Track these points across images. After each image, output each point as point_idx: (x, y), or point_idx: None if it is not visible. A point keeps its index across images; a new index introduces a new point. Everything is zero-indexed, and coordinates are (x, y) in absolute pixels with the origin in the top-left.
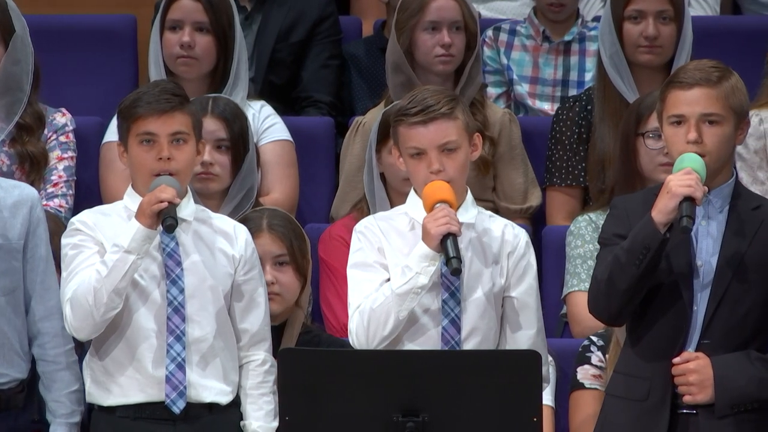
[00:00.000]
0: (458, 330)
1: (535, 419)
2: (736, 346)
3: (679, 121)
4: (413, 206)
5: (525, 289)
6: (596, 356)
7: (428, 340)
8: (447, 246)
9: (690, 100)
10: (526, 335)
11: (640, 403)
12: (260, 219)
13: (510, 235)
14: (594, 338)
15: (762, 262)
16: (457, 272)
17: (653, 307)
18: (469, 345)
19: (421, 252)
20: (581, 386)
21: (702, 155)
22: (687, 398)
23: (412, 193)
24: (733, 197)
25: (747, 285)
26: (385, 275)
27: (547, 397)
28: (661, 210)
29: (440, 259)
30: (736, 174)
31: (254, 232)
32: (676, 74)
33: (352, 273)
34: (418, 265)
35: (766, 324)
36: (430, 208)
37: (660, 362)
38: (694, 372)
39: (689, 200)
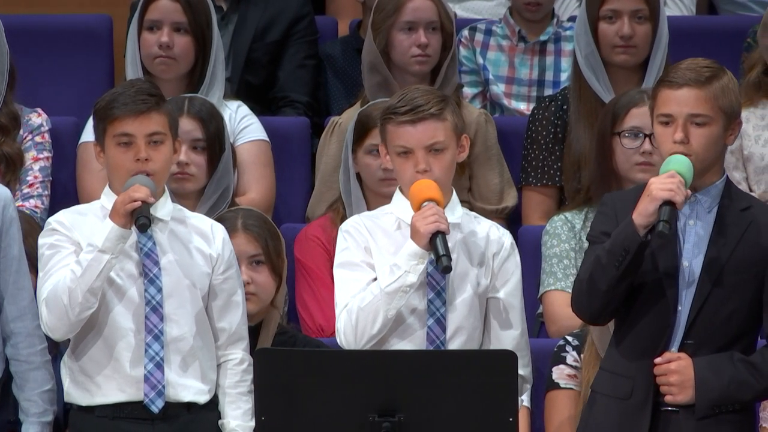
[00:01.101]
0: (444, 330)
1: (511, 419)
2: (719, 347)
3: (668, 120)
4: (399, 206)
5: (510, 290)
6: (571, 356)
7: (414, 339)
8: (436, 244)
9: (678, 100)
10: (510, 336)
11: (623, 401)
12: (235, 219)
13: (495, 236)
14: (569, 338)
15: (748, 263)
16: (447, 270)
17: (638, 305)
18: (454, 345)
19: (409, 250)
20: (556, 386)
21: (688, 155)
22: (668, 398)
23: (397, 192)
24: (722, 197)
25: (732, 286)
26: (371, 275)
27: (524, 398)
28: (641, 213)
29: (428, 257)
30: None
31: (229, 232)
32: (668, 72)
33: (338, 272)
34: (407, 263)
35: (750, 326)
36: (417, 207)
37: (643, 361)
38: (675, 372)
39: (669, 204)
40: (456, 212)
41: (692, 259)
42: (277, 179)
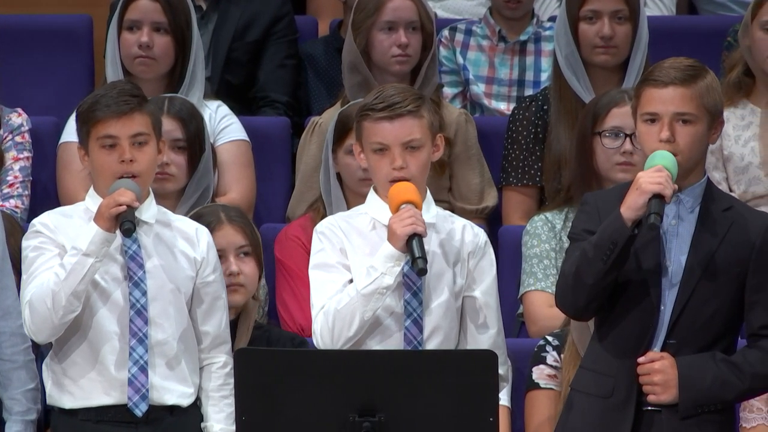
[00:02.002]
0: (421, 330)
1: (491, 419)
2: (702, 346)
3: (653, 119)
4: (374, 206)
5: (486, 289)
6: (551, 356)
7: (391, 340)
8: (413, 246)
9: (664, 99)
10: (487, 335)
11: (604, 399)
12: (217, 212)
13: (470, 235)
14: (549, 338)
15: (730, 263)
16: (423, 272)
17: (621, 304)
18: (431, 345)
19: (386, 252)
20: (536, 386)
21: (674, 154)
22: (651, 398)
23: (372, 192)
24: (704, 197)
25: (715, 286)
26: (347, 276)
27: (504, 398)
28: (630, 206)
29: (405, 259)
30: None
31: (215, 225)
32: (651, 71)
33: (314, 274)
34: (384, 265)
35: (731, 325)
36: (395, 209)
37: (626, 360)
38: (659, 372)
39: (659, 197)
40: (431, 211)
41: (675, 258)
42: (257, 179)
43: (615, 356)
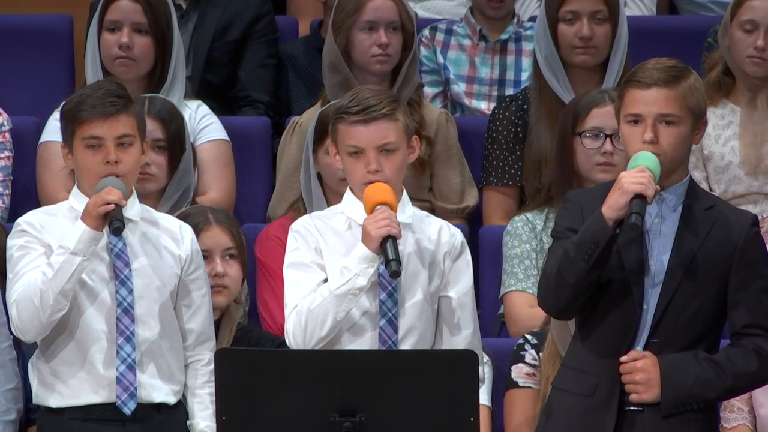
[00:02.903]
0: (395, 330)
1: (472, 419)
2: (684, 345)
3: (636, 120)
4: (350, 205)
5: (462, 289)
6: (530, 354)
7: (366, 340)
8: (387, 248)
9: (647, 100)
10: (462, 335)
11: (586, 398)
12: (205, 213)
13: (446, 235)
14: (528, 336)
15: (713, 262)
16: (396, 275)
17: (603, 303)
18: (406, 345)
19: (360, 253)
20: (515, 385)
21: (657, 155)
22: (633, 397)
23: (348, 192)
24: (687, 197)
25: (697, 285)
26: (321, 275)
27: (484, 397)
28: (612, 206)
29: (379, 260)
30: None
31: (203, 226)
32: (634, 72)
33: (288, 273)
34: (357, 266)
35: (714, 324)
36: (370, 210)
37: (608, 359)
38: (641, 371)
39: (640, 198)
40: (407, 212)
41: (658, 257)
42: (237, 179)
43: (597, 355)
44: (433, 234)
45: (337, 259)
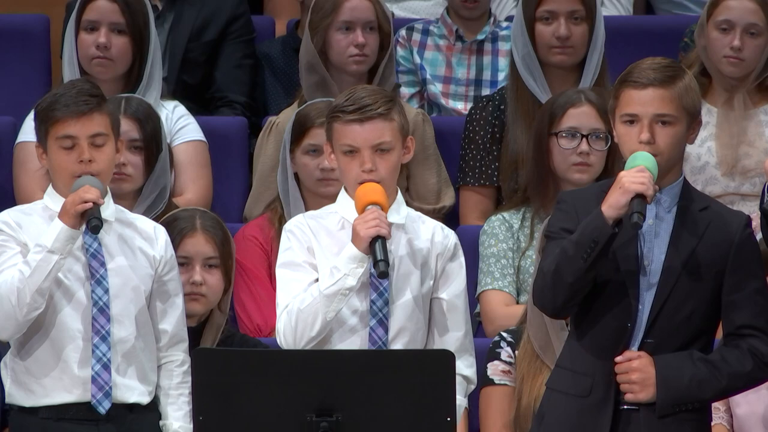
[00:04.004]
0: (386, 330)
1: (449, 419)
2: (679, 345)
3: (632, 120)
4: (344, 205)
5: (454, 291)
6: (506, 352)
7: (356, 340)
8: (375, 249)
9: (644, 100)
10: (454, 337)
11: (582, 399)
12: (193, 219)
13: (440, 237)
14: (504, 334)
15: (708, 263)
16: (384, 275)
17: (599, 303)
18: (396, 345)
19: (349, 253)
20: (491, 382)
21: (654, 155)
22: (629, 396)
23: (342, 192)
24: (681, 197)
25: (693, 286)
26: (314, 275)
27: (461, 397)
28: (612, 205)
29: (369, 261)
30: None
31: (187, 231)
32: (630, 72)
33: (281, 272)
34: (347, 266)
35: (708, 325)
36: (361, 210)
37: (603, 359)
38: (637, 371)
39: (641, 197)
40: (401, 212)
41: (653, 258)
42: (214, 179)
43: (593, 355)
44: (426, 235)
45: (330, 259)
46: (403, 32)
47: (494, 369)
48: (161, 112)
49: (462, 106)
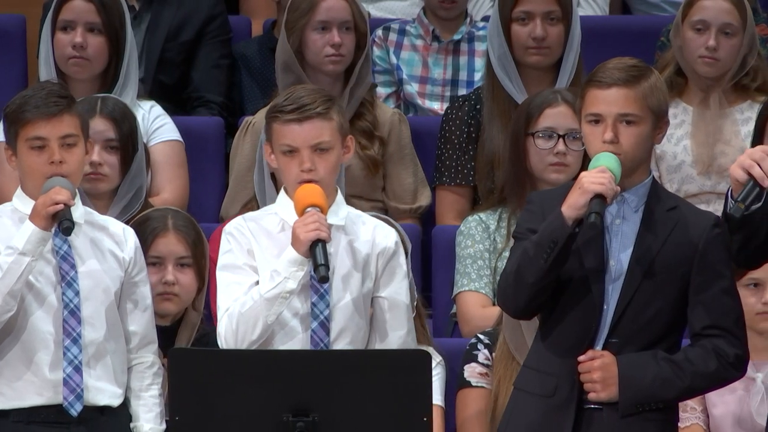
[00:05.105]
0: (327, 332)
1: (425, 419)
2: (644, 345)
3: (597, 120)
4: (283, 206)
5: (395, 290)
6: (483, 354)
7: (297, 342)
8: (316, 253)
9: (607, 100)
10: (396, 336)
11: (547, 398)
12: (165, 218)
13: (380, 237)
14: (481, 336)
15: (674, 263)
16: (324, 280)
17: (563, 303)
18: (338, 346)
19: (289, 257)
20: (468, 384)
21: (618, 154)
22: (591, 395)
23: (282, 192)
24: (649, 197)
25: (658, 286)
26: (254, 278)
27: (437, 397)
28: (572, 205)
29: (309, 263)
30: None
31: (159, 231)
32: (595, 72)
33: (221, 275)
34: (287, 269)
35: (675, 325)
36: (301, 212)
37: (568, 359)
38: (599, 369)
39: (600, 198)
40: (340, 213)
41: (618, 257)
42: (191, 179)
43: (557, 355)
44: (366, 235)
45: (270, 261)
46: (379, 32)
47: (471, 371)
48: (138, 112)
49: (438, 106)
